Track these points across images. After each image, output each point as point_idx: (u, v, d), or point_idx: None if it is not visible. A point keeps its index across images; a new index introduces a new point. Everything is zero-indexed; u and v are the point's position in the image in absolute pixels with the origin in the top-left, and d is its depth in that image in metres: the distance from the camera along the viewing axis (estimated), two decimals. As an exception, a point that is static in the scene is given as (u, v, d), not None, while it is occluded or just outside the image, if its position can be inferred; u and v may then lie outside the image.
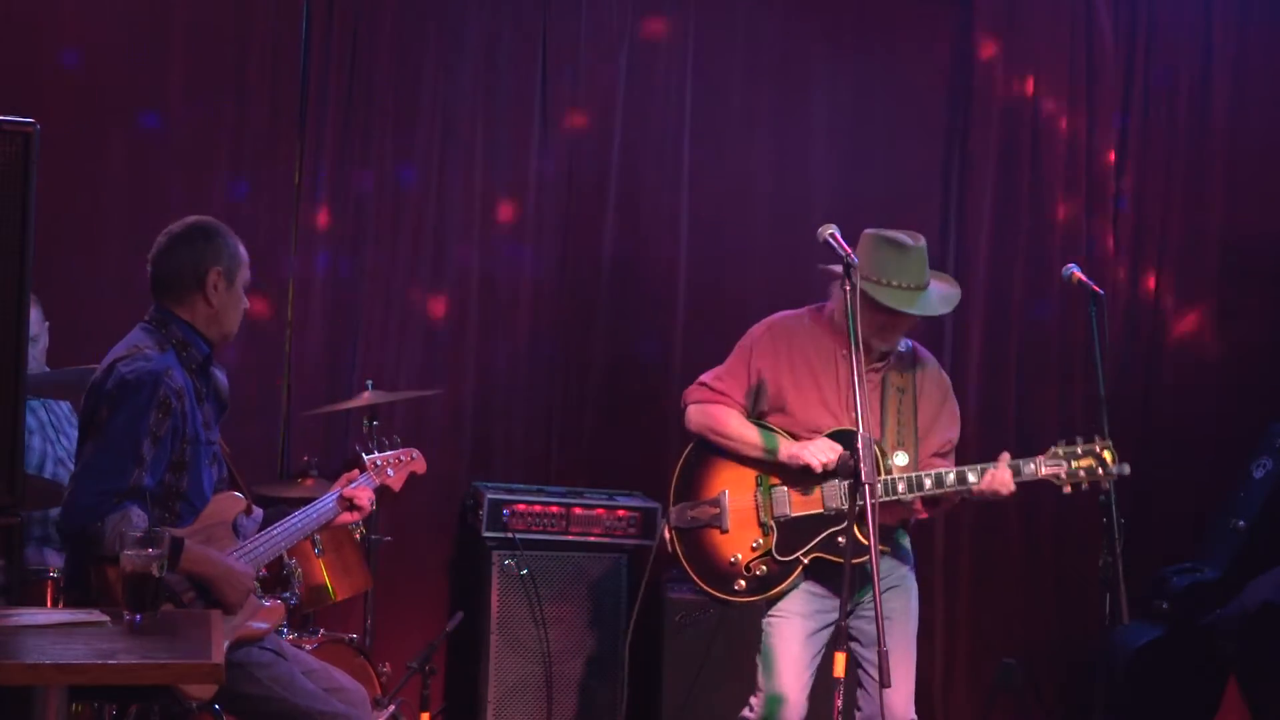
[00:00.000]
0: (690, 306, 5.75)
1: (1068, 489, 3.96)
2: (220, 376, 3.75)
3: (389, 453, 4.05)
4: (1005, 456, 4.02)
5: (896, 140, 5.89)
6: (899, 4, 6.00)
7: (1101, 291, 4.05)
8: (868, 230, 4.09)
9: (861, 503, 3.58)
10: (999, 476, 3.96)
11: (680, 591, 5.17)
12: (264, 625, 3.54)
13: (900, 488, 3.96)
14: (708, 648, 5.10)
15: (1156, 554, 5.50)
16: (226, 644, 3.28)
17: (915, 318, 4.06)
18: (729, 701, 4.96)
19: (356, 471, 3.92)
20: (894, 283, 3.97)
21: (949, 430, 4.19)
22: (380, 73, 5.55)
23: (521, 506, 5.21)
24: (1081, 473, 3.94)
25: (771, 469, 4.09)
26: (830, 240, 3.80)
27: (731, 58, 5.85)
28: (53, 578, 4.06)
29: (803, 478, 4.03)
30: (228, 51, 5.42)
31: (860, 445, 3.59)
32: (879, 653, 3.49)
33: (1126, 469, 3.93)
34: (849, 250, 3.74)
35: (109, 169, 5.30)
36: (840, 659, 3.62)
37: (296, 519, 3.72)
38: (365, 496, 3.83)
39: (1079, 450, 3.95)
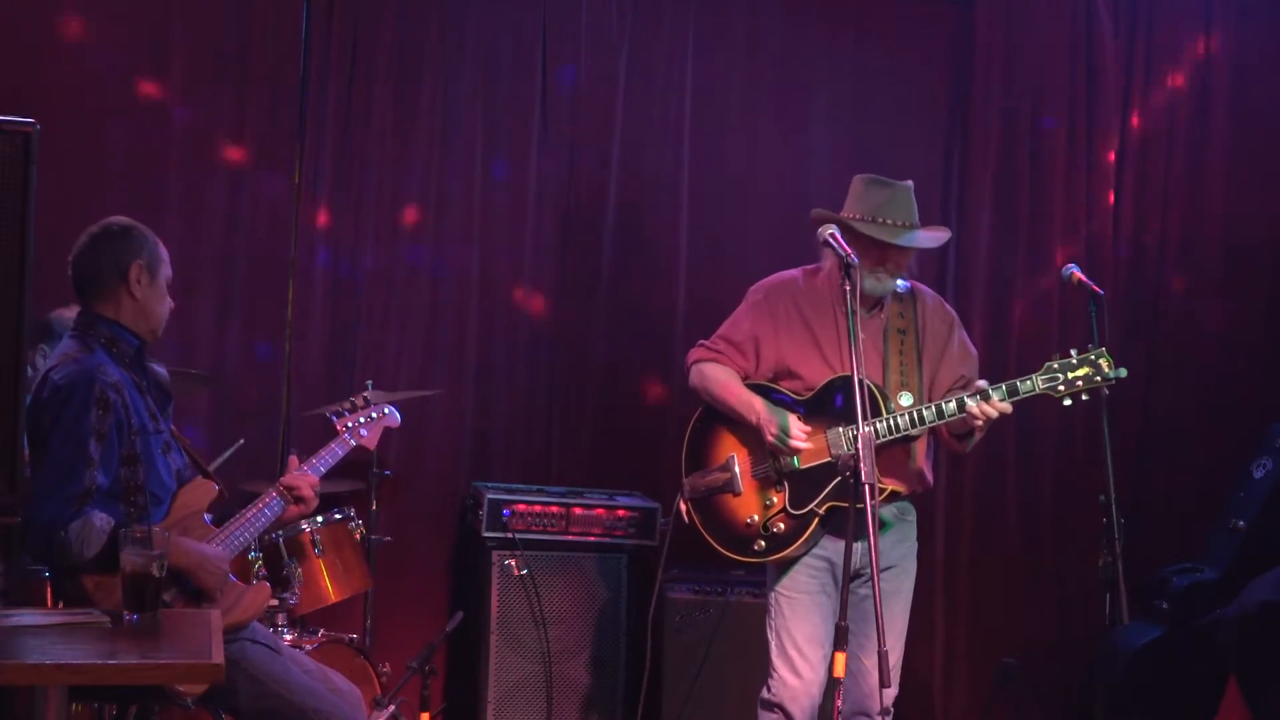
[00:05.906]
0: (690, 307, 5.74)
1: (1068, 401, 3.93)
2: (158, 369, 3.70)
3: (359, 412, 4.03)
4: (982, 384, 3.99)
5: (897, 139, 5.88)
6: (899, 2, 6.00)
7: (1101, 291, 4.05)
8: (857, 176, 4.17)
9: (861, 504, 3.58)
10: (994, 402, 3.91)
11: (680, 591, 5.17)
12: (250, 611, 3.56)
13: (903, 423, 3.93)
14: (708, 648, 5.10)
15: (1156, 554, 5.49)
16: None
17: (909, 258, 4.11)
18: (729, 701, 4.96)
19: (294, 459, 3.84)
20: (882, 220, 4.03)
21: (961, 366, 4.18)
22: (380, 72, 5.55)
23: (521, 506, 5.21)
24: (1079, 382, 3.91)
25: None
26: (830, 240, 3.83)
27: (732, 57, 5.85)
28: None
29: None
30: (228, 51, 5.42)
31: (860, 445, 3.59)
32: (879, 653, 3.52)
33: (1124, 372, 3.91)
34: (849, 250, 3.76)
35: (109, 169, 5.30)
36: (840, 659, 3.63)
37: (250, 517, 3.67)
38: (305, 483, 3.75)
39: (1074, 361, 3.92)
